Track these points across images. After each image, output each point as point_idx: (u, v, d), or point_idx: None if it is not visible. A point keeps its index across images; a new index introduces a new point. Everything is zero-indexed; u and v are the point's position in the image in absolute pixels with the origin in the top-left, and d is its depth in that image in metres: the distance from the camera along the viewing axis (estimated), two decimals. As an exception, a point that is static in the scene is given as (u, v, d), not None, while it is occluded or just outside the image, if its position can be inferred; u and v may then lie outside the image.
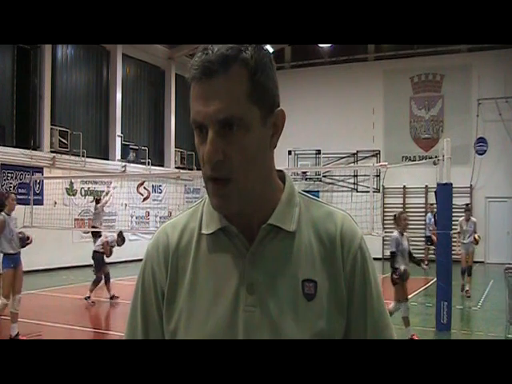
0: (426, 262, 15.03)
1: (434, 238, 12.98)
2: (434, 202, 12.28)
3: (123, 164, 17.38)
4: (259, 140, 1.01)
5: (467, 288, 10.96)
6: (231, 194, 1.01)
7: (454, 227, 8.57)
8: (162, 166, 19.81)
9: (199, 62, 0.98)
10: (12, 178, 13.93)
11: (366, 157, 20.14)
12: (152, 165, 18.62)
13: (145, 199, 18.45)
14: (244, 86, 0.98)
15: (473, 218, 11.35)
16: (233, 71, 0.97)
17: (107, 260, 10.36)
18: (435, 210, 11.82)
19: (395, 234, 7.17)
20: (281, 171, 1.15)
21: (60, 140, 15.40)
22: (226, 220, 1.07)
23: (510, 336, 6.84)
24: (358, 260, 1.08)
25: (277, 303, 1.04)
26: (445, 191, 8.22)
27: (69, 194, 15.53)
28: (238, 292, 1.05)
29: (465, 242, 11.08)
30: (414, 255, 7.46)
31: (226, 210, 1.04)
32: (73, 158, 15.74)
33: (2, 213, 7.15)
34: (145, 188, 18.38)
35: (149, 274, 1.12)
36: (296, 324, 1.03)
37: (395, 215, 7.52)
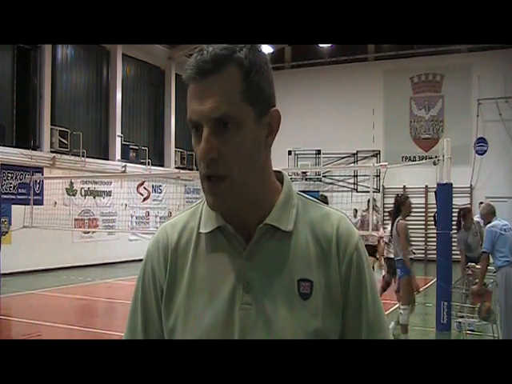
0: None
1: None
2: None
3: (123, 164, 17.38)
4: (253, 139, 1.03)
5: None
6: (225, 191, 1.02)
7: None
8: (162, 166, 19.79)
9: (194, 62, 1.00)
10: (12, 178, 13.91)
11: (365, 157, 20.13)
12: (152, 165, 18.60)
13: (145, 199, 18.44)
14: (238, 85, 0.99)
15: None
16: (227, 71, 0.99)
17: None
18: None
19: None
20: (279, 172, 1.15)
21: (60, 140, 15.38)
22: (223, 219, 1.08)
23: (469, 332, 6.85)
24: (354, 262, 1.08)
25: (272, 302, 1.04)
26: (445, 191, 8.19)
27: (69, 194, 15.51)
28: (234, 290, 1.06)
29: None
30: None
31: (220, 207, 1.05)
32: (73, 158, 15.71)
33: (399, 218, 6.60)
34: (145, 188, 18.37)
35: (149, 273, 1.14)
36: (291, 323, 1.03)
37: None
